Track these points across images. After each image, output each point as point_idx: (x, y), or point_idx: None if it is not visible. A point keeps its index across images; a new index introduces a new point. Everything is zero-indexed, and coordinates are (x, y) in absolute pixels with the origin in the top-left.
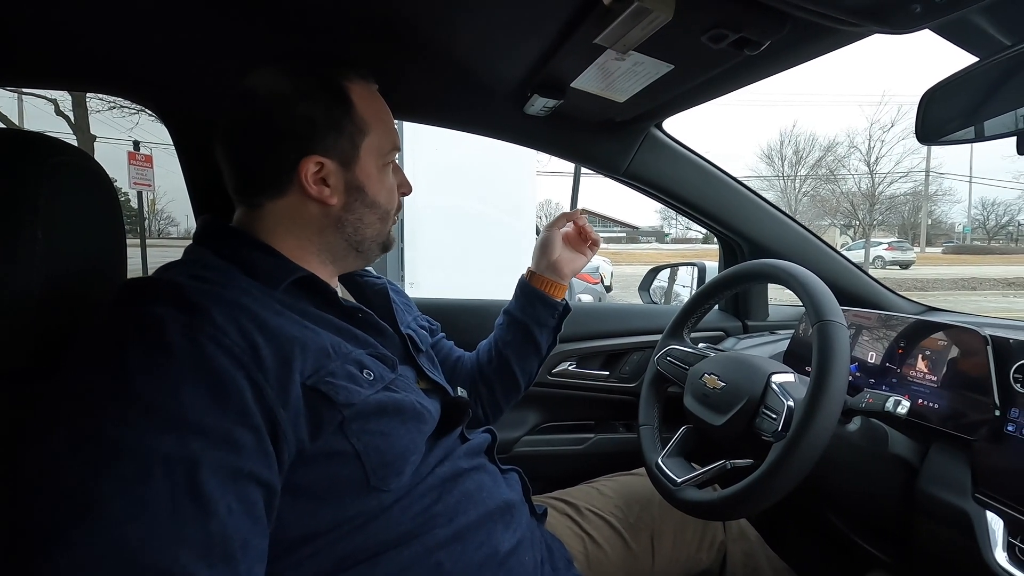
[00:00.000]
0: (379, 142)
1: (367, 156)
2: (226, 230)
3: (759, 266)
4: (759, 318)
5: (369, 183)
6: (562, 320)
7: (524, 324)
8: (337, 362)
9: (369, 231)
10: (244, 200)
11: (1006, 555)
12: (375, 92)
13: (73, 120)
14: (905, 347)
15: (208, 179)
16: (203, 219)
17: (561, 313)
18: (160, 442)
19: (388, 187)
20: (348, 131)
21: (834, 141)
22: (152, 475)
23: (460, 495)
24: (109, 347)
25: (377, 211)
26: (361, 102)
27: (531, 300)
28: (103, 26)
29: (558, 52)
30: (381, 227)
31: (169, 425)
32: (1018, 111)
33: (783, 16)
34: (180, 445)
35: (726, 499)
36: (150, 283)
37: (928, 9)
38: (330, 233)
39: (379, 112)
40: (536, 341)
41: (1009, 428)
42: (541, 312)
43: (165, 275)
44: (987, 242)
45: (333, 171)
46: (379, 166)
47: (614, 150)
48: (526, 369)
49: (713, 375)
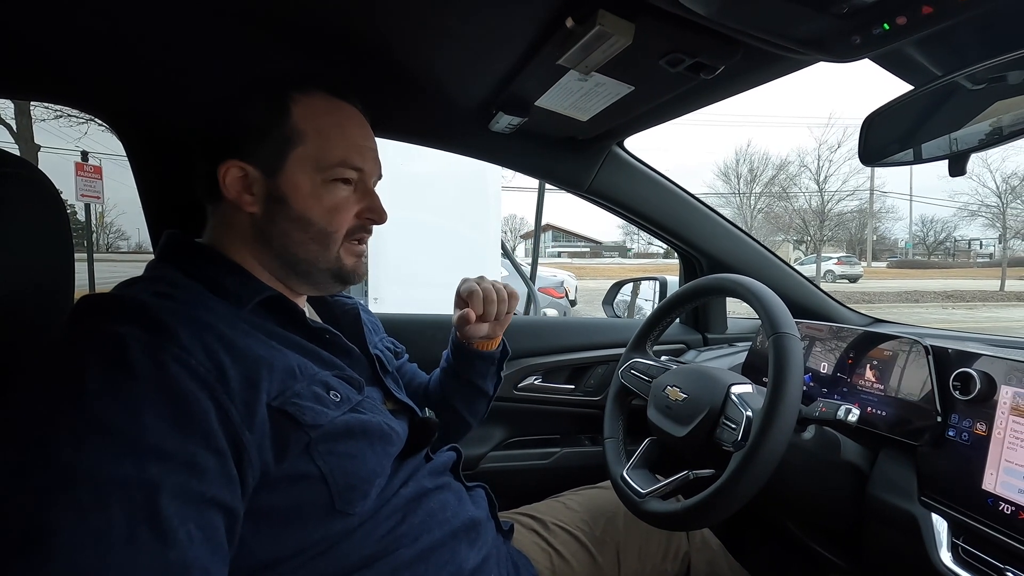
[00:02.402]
0: (316, 154)
1: (296, 167)
2: (191, 246)
3: (717, 281)
4: (718, 331)
5: (295, 195)
6: (502, 363)
7: (466, 378)
8: (303, 383)
9: (300, 251)
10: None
11: (951, 555)
12: (337, 107)
13: (16, 129)
14: (854, 358)
15: (163, 191)
16: (167, 234)
17: (499, 360)
18: (118, 467)
19: (329, 205)
20: (274, 138)
21: (786, 160)
22: (108, 502)
23: (424, 515)
24: (66, 366)
25: (308, 229)
26: (303, 112)
27: (467, 358)
28: (50, 32)
29: (522, 72)
30: (319, 250)
31: (128, 449)
32: (951, 135)
33: (735, 43)
34: (139, 470)
35: (689, 509)
36: (112, 300)
37: (866, 41)
38: (261, 247)
39: (324, 125)
40: (481, 389)
41: (950, 433)
42: (479, 366)
43: (127, 292)
44: (927, 257)
45: (256, 179)
46: (316, 180)
47: (577, 167)
48: (474, 412)
49: (675, 387)
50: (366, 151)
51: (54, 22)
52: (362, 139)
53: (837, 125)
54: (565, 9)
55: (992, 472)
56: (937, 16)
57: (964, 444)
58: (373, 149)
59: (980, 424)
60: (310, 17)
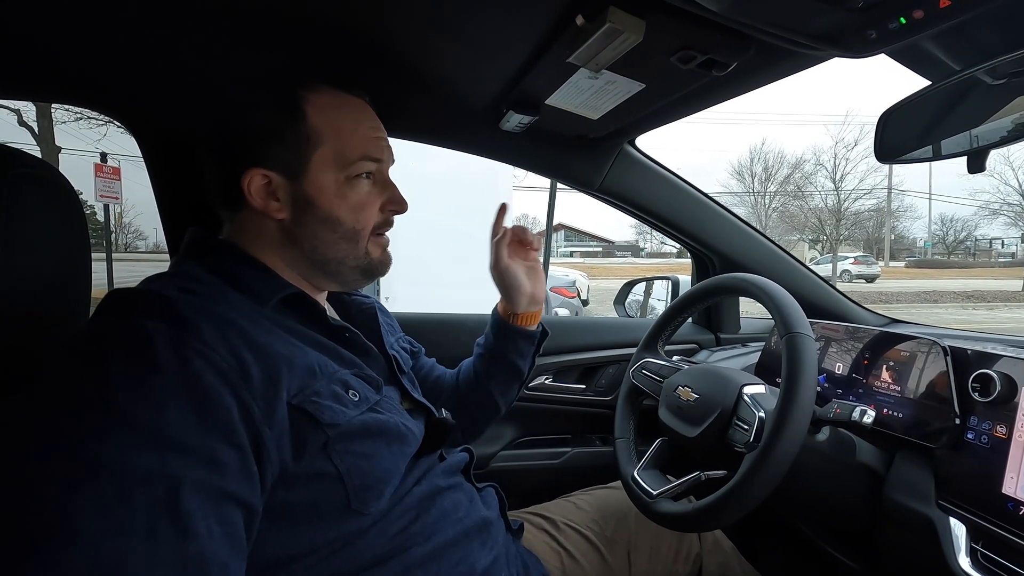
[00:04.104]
0: (337, 153)
1: (319, 168)
2: (215, 243)
3: (730, 280)
4: (731, 331)
5: (321, 197)
6: (542, 343)
7: (505, 357)
8: (322, 381)
9: (330, 251)
10: (221, 212)
11: (969, 560)
12: (346, 102)
13: (37, 131)
14: (870, 358)
15: (178, 191)
16: (191, 231)
17: (540, 339)
18: (141, 460)
19: (354, 203)
20: (292, 142)
21: (801, 159)
22: (131, 494)
23: (437, 514)
24: (93, 359)
25: (337, 228)
26: (317, 112)
27: (509, 336)
28: (71, 36)
29: (532, 70)
30: (349, 248)
31: (151, 443)
32: (971, 131)
33: (747, 39)
34: (162, 464)
35: (700, 511)
36: (138, 294)
37: (882, 36)
38: (289, 249)
39: (339, 121)
40: (519, 369)
41: (969, 436)
42: (521, 345)
43: (153, 286)
44: (947, 256)
45: (280, 184)
46: (340, 179)
47: (588, 166)
48: (508, 395)
49: (687, 387)
50: (380, 142)
51: (73, 27)
52: (375, 131)
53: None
54: (575, 6)
55: (1012, 476)
56: (956, 9)
57: (983, 447)
58: (385, 138)
59: (1000, 426)
60: (321, 17)
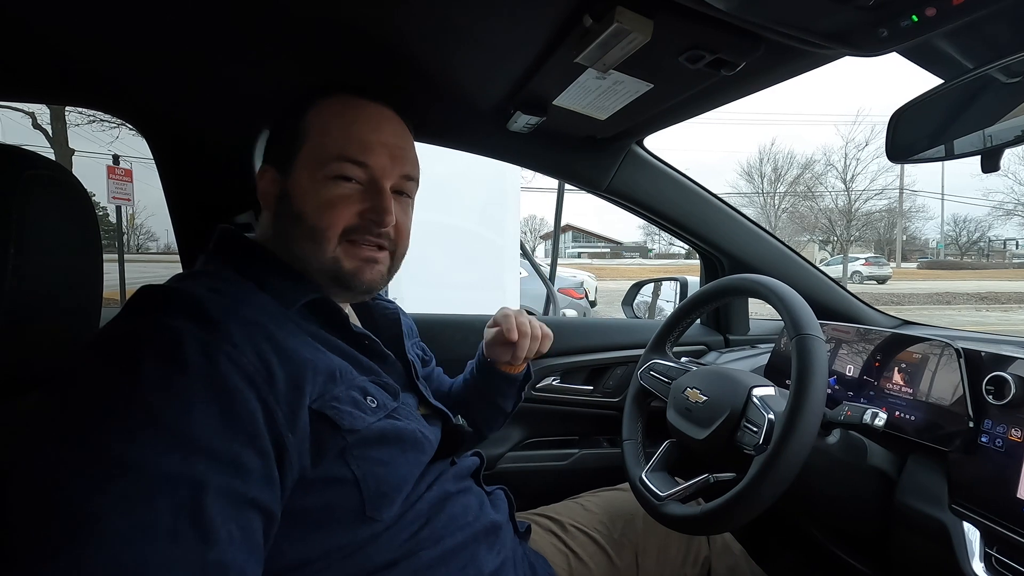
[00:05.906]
0: (315, 150)
1: (300, 165)
2: (243, 243)
3: (739, 281)
4: (740, 332)
5: (295, 192)
6: (524, 387)
7: (487, 395)
8: (342, 387)
9: (296, 248)
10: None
11: (983, 565)
12: (354, 106)
13: (51, 134)
14: (882, 360)
15: (188, 193)
16: (220, 229)
17: (522, 383)
18: (166, 462)
19: (323, 200)
20: (286, 139)
21: (811, 159)
22: (155, 496)
23: (447, 518)
24: (122, 357)
25: (300, 224)
26: (315, 113)
27: (491, 378)
28: (85, 40)
29: (540, 70)
30: (313, 248)
31: (177, 445)
32: (984, 130)
33: (757, 38)
34: (187, 466)
35: (709, 513)
36: (169, 292)
37: (894, 34)
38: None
39: (331, 122)
40: (501, 408)
41: (983, 439)
42: (502, 387)
43: (182, 285)
44: (960, 257)
45: (276, 180)
46: (316, 177)
47: (596, 167)
48: (491, 425)
49: (695, 389)
50: (374, 145)
51: (87, 30)
52: (370, 133)
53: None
54: (582, 6)
55: None
56: (968, 7)
57: (998, 451)
58: (386, 144)
59: (1015, 430)
60: (330, 20)
